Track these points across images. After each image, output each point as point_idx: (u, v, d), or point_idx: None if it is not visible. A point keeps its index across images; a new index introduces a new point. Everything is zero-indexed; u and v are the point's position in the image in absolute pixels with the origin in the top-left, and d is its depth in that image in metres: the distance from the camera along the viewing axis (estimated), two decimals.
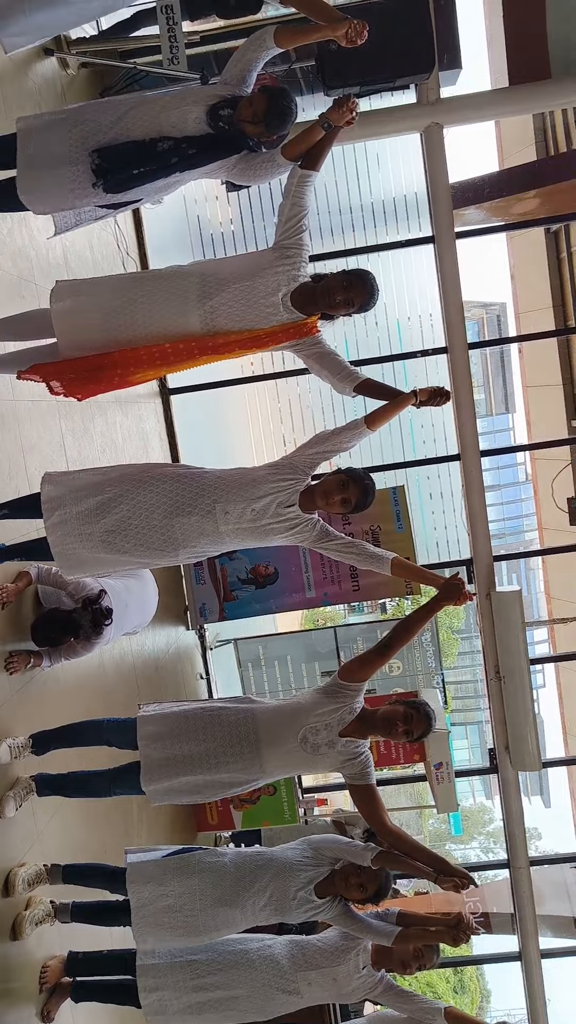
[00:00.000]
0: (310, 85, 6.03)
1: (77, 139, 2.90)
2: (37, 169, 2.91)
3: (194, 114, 2.91)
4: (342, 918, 3.04)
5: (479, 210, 7.09)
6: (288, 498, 2.94)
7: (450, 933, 2.92)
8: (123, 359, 2.93)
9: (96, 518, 2.92)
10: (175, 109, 2.92)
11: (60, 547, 2.97)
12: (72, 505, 2.95)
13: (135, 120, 2.92)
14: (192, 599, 6.60)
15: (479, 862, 18.38)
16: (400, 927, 2.99)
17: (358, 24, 2.77)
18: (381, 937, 2.98)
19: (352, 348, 7.70)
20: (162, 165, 2.93)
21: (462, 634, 24.32)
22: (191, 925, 3.01)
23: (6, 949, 3.03)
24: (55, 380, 2.99)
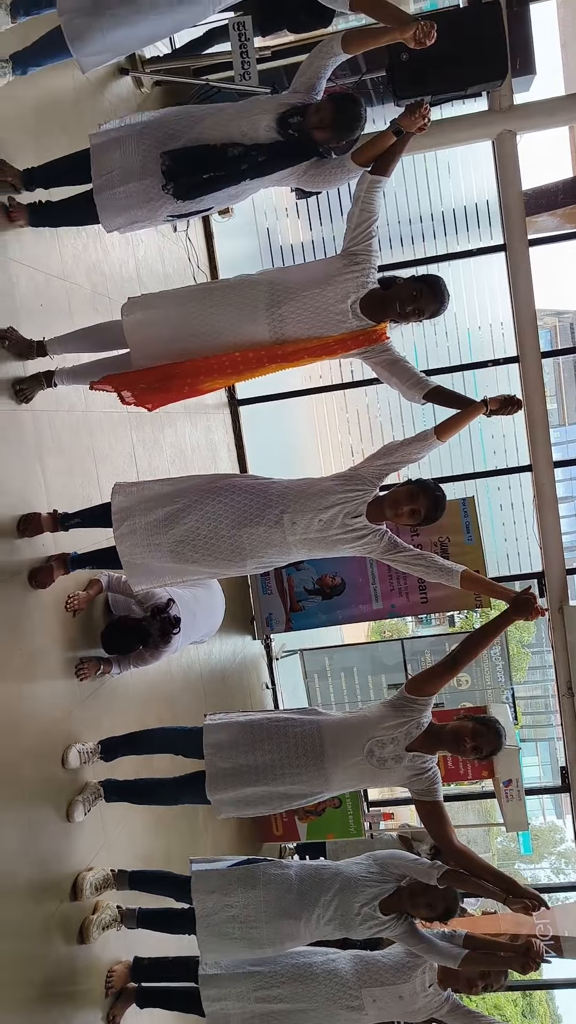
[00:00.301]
0: (380, 96, 6.02)
1: (149, 148, 2.94)
2: (112, 187, 2.97)
3: (264, 122, 2.93)
4: (407, 937, 2.99)
5: (552, 217, 6.96)
6: (355, 509, 2.92)
7: (519, 960, 2.84)
8: (193, 368, 2.96)
9: (165, 528, 2.96)
10: (246, 118, 2.95)
11: (129, 556, 3.01)
12: (141, 515, 2.98)
13: (207, 128, 2.95)
14: (259, 609, 6.62)
15: (549, 883, 17.90)
16: (467, 950, 2.92)
17: (426, 25, 2.74)
18: (447, 959, 2.92)
19: (422, 357, 7.62)
20: (232, 171, 2.95)
21: (533, 648, 23.78)
22: (254, 937, 3.00)
23: (73, 952, 3.07)
24: (126, 390, 3.04)
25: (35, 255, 3.44)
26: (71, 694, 3.32)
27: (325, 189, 3.17)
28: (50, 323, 3.46)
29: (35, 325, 3.33)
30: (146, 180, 2.95)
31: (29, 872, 2.85)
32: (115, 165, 2.96)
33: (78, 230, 3.90)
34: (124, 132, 3.02)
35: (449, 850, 2.90)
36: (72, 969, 3.05)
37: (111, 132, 3.04)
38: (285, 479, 3.09)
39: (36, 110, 3.57)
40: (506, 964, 2.90)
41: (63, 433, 3.54)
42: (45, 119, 3.63)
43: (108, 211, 3.02)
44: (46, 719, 3.09)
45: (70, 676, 3.32)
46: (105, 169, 2.97)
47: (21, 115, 3.44)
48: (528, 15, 5.71)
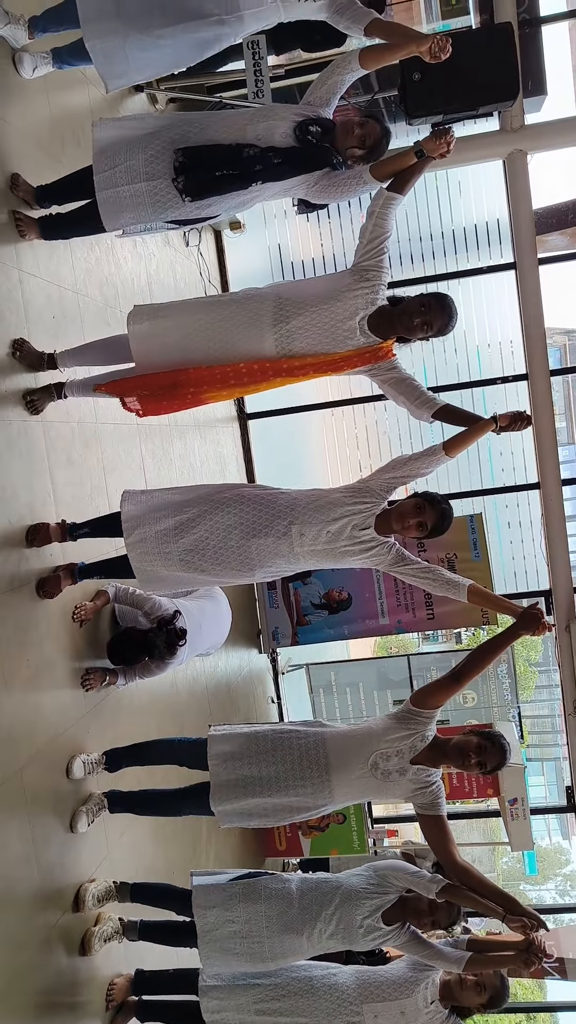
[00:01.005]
0: (393, 115, 6.08)
1: (159, 151, 2.96)
2: (115, 185, 2.98)
3: (282, 128, 2.96)
4: (411, 945, 2.97)
5: (562, 236, 6.99)
6: (363, 521, 2.93)
7: (521, 957, 2.82)
8: (197, 377, 2.97)
9: (175, 538, 2.97)
10: (262, 121, 2.98)
11: (139, 564, 3.03)
12: (151, 524, 3.00)
13: (220, 129, 2.98)
14: (265, 623, 6.62)
15: (554, 904, 17.73)
16: (471, 952, 2.90)
17: (441, 39, 2.78)
18: (451, 963, 2.90)
19: (431, 374, 7.65)
20: (245, 171, 2.96)
21: (540, 667, 23.68)
22: (257, 952, 2.99)
23: (74, 964, 3.06)
24: (129, 396, 3.05)
25: (48, 268, 3.48)
26: (76, 705, 3.33)
27: (337, 200, 3.19)
28: (62, 335, 3.49)
29: (47, 337, 3.37)
30: (155, 181, 2.96)
31: (31, 882, 2.85)
32: (118, 162, 2.97)
33: (91, 244, 3.94)
34: (133, 131, 3.04)
35: (450, 866, 2.89)
36: (73, 981, 3.04)
37: (120, 126, 3.06)
38: (294, 490, 3.11)
39: (51, 126, 3.62)
40: (510, 962, 2.88)
41: (73, 444, 3.57)
42: (60, 135, 3.67)
43: (109, 209, 3.03)
44: (51, 729, 3.10)
45: (76, 687, 3.33)
46: (107, 166, 2.98)
47: (36, 130, 3.49)
48: (540, 36, 5.76)
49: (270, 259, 7.55)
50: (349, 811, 6.22)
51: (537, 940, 2.80)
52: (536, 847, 7.73)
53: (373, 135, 3.00)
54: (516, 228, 6.04)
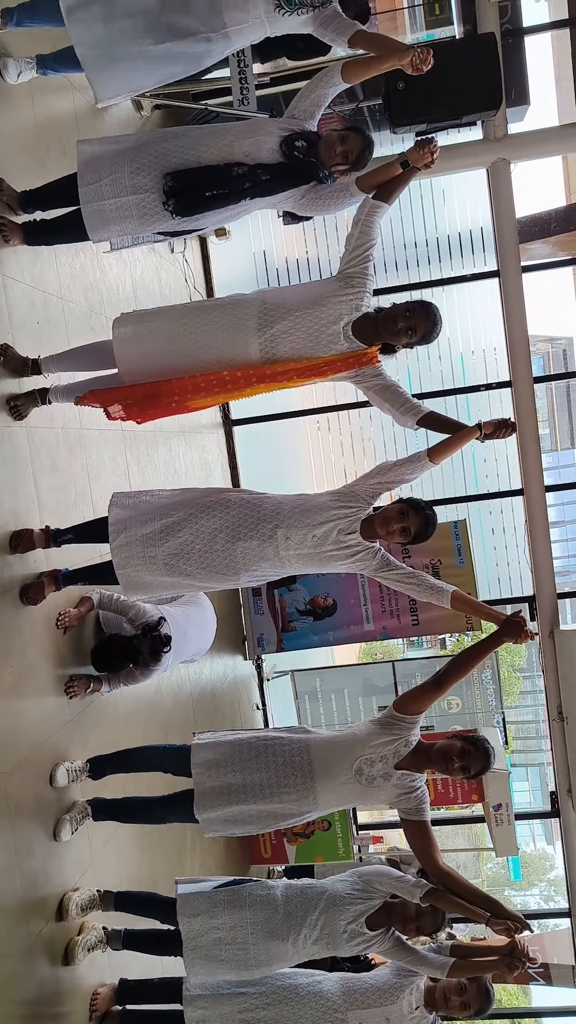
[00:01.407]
0: (377, 123, 6.11)
1: (145, 165, 2.98)
2: (101, 199, 2.99)
3: (268, 144, 2.99)
4: (395, 951, 2.97)
5: (545, 244, 7.05)
6: (349, 526, 2.94)
7: (504, 961, 2.83)
8: (180, 386, 2.97)
9: (160, 541, 2.97)
10: (248, 138, 3.00)
11: (123, 568, 3.02)
12: (137, 528, 3.00)
13: (208, 147, 3.00)
14: (250, 629, 6.61)
15: (539, 910, 17.75)
16: (454, 958, 2.91)
17: (422, 51, 2.82)
18: (435, 969, 2.90)
19: (415, 381, 7.68)
20: (234, 190, 2.99)
21: (524, 673, 23.76)
22: (242, 959, 2.98)
23: (57, 974, 3.04)
24: (113, 405, 3.05)
25: (33, 273, 3.47)
26: (60, 712, 3.31)
27: (323, 214, 3.21)
28: (46, 341, 3.48)
29: (32, 343, 3.36)
30: (141, 195, 2.98)
31: (14, 891, 2.82)
32: (103, 176, 2.98)
33: (76, 250, 3.93)
34: (118, 146, 3.05)
35: (434, 870, 2.89)
36: (56, 991, 3.02)
37: (104, 143, 3.08)
38: (279, 494, 3.11)
39: (36, 131, 3.61)
40: (493, 967, 2.88)
41: (57, 450, 3.55)
42: (45, 140, 3.67)
43: (94, 221, 3.04)
44: (34, 737, 3.08)
45: (60, 693, 3.31)
46: (93, 179, 3.00)
47: (21, 135, 3.49)
48: (523, 47, 5.82)
49: (255, 265, 7.57)
50: (334, 817, 6.22)
51: (521, 944, 2.81)
52: (520, 853, 7.74)
53: (355, 149, 3.03)
54: (499, 236, 6.09)
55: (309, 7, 3.05)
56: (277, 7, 3.05)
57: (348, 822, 6.35)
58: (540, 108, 6.29)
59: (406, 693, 3.06)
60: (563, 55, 6.44)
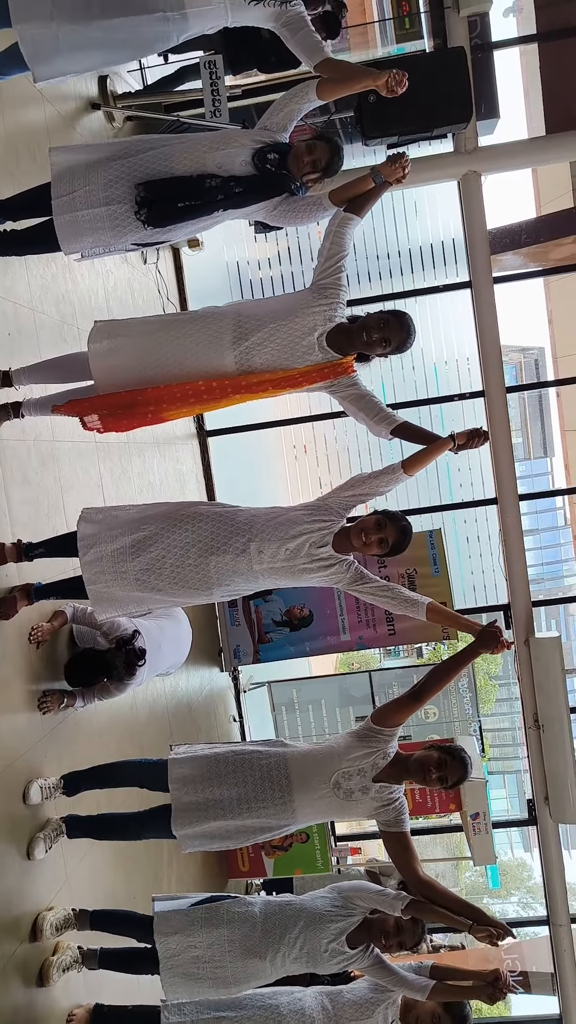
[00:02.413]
0: (349, 135, 6.15)
1: (118, 176, 2.96)
2: (73, 210, 2.97)
3: (241, 156, 2.98)
4: (375, 969, 2.95)
5: (516, 255, 7.13)
6: (322, 539, 2.93)
7: (485, 990, 2.82)
8: (156, 396, 2.95)
9: (131, 556, 2.94)
10: (221, 150, 2.99)
11: (94, 584, 2.98)
12: (108, 543, 2.96)
13: (181, 158, 2.98)
14: (226, 641, 6.58)
15: (518, 918, 17.80)
16: (434, 981, 2.89)
17: (397, 74, 2.84)
18: (415, 991, 2.88)
19: (389, 391, 7.72)
20: (207, 201, 2.99)
21: (500, 680, 23.88)
22: (220, 977, 2.95)
23: (32, 996, 2.98)
24: (90, 415, 3.02)
25: (3, 284, 3.44)
26: (33, 728, 3.26)
27: (296, 225, 3.22)
28: (17, 353, 3.45)
29: (2, 354, 3.32)
30: (113, 206, 2.96)
31: None
32: (77, 187, 2.96)
33: (47, 260, 3.91)
34: (91, 157, 3.03)
35: (414, 881, 2.88)
36: (30, 1016, 2.96)
37: (77, 151, 3.05)
38: (252, 507, 3.09)
39: (6, 141, 3.59)
40: (473, 994, 2.87)
41: (29, 463, 3.52)
42: (15, 151, 3.65)
43: (67, 233, 3.01)
44: (7, 753, 3.03)
45: (32, 709, 3.27)
46: (65, 191, 2.97)
47: None
48: (492, 61, 5.89)
49: (228, 276, 7.58)
50: (312, 830, 6.19)
51: (502, 975, 2.81)
52: (499, 862, 7.75)
53: (324, 157, 3.03)
54: (471, 247, 6.14)
55: (276, 1, 3.01)
56: None
57: (326, 834, 6.32)
58: (510, 121, 6.39)
59: (384, 706, 3.05)
60: (531, 69, 6.54)
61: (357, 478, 3.03)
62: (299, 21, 3.04)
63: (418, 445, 3.04)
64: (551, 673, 5.94)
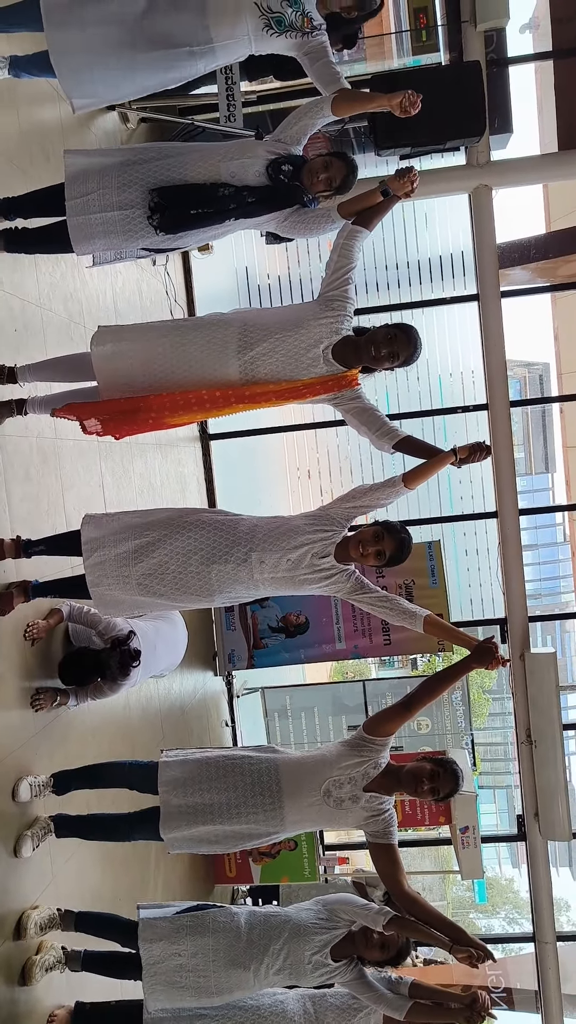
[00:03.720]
0: (362, 145, 6.17)
1: (132, 181, 2.98)
2: (87, 212, 2.99)
3: (255, 167, 3.00)
4: (356, 984, 2.94)
5: (524, 271, 7.14)
6: (323, 549, 2.93)
7: (463, 1013, 2.80)
8: (158, 403, 2.96)
9: (134, 561, 2.94)
10: (235, 160, 3.01)
11: (97, 587, 2.98)
12: (111, 547, 2.97)
13: (195, 165, 3.00)
14: (221, 645, 6.57)
15: (503, 933, 17.73)
16: (413, 1000, 2.88)
17: (412, 95, 2.87)
18: (393, 1010, 2.87)
19: (393, 402, 7.73)
20: (219, 210, 3.00)
21: (494, 695, 23.85)
22: (203, 986, 2.93)
23: (14, 994, 2.97)
24: (90, 420, 3.02)
25: (12, 280, 3.45)
26: (25, 725, 3.25)
27: (305, 236, 3.23)
28: (24, 349, 3.45)
29: (8, 350, 3.33)
30: (127, 211, 2.98)
31: None
32: (91, 190, 2.98)
33: (56, 259, 3.91)
34: (106, 161, 3.05)
35: (399, 895, 2.86)
36: (11, 1013, 2.95)
37: (93, 158, 3.07)
38: (255, 516, 3.09)
39: (20, 140, 3.60)
40: (451, 1016, 2.85)
41: (31, 459, 3.52)
42: (29, 149, 3.66)
43: (79, 234, 3.03)
44: None
45: (25, 706, 3.26)
46: (80, 192, 2.99)
47: (3, 143, 3.47)
48: (507, 76, 5.91)
49: (237, 281, 7.59)
50: (300, 838, 6.16)
51: (481, 999, 2.79)
52: (487, 877, 7.72)
53: (339, 176, 3.06)
54: (480, 261, 6.15)
55: (299, 32, 3.08)
56: (266, 27, 3.06)
57: (315, 843, 6.29)
58: (523, 137, 6.40)
59: (375, 715, 3.04)
60: (546, 86, 6.56)
61: (358, 489, 3.03)
62: (320, 51, 3.09)
63: (420, 459, 3.03)
64: (545, 689, 5.93)
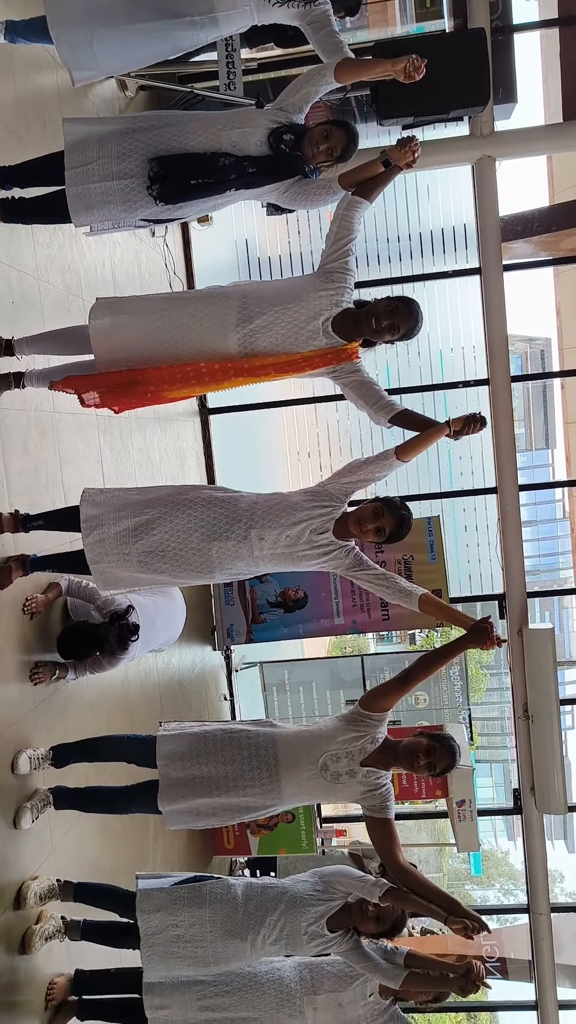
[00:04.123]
0: (364, 115, 6.07)
1: (132, 150, 2.94)
2: (87, 182, 2.95)
3: (256, 136, 2.96)
4: (352, 954, 2.97)
5: (527, 244, 7.06)
6: (322, 525, 2.92)
7: (458, 983, 2.83)
8: (157, 376, 2.93)
9: (134, 539, 2.93)
10: (236, 129, 2.97)
11: (97, 564, 2.98)
12: (111, 525, 2.96)
13: (196, 134, 2.96)
14: (220, 620, 6.59)
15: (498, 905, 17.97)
16: (409, 969, 2.91)
17: (416, 60, 2.82)
18: (389, 979, 2.91)
19: (394, 376, 7.69)
20: (220, 180, 2.96)
21: (491, 670, 23.95)
22: (200, 956, 2.97)
23: (14, 963, 3.00)
24: (88, 392, 3.00)
25: (9, 252, 3.40)
26: (24, 698, 3.26)
27: (306, 208, 3.18)
28: (21, 321, 3.42)
29: (5, 322, 3.29)
30: (126, 180, 2.94)
31: None
32: (91, 159, 2.94)
33: (54, 229, 3.86)
34: (105, 129, 3.00)
35: (394, 867, 2.89)
36: (11, 981, 2.98)
37: (92, 127, 3.02)
38: (254, 493, 3.08)
39: (16, 107, 3.54)
40: (446, 985, 2.89)
41: (29, 432, 3.49)
42: (26, 117, 3.60)
43: (78, 204, 2.99)
44: None
45: (24, 680, 3.27)
46: (80, 162, 2.95)
47: (1, 112, 3.41)
48: (512, 44, 5.81)
49: (237, 253, 7.52)
50: (298, 810, 6.22)
51: (476, 967, 2.82)
52: (483, 850, 7.80)
53: (340, 145, 3.01)
54: (482, 234, 6.08)
55: (301, 1, 3.03)
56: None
57: (312, 815, 6.35)
58: (527, 106, 6.30)
59: (372, 690, 3.05)
60: (551, 54, 6.45)
61: (353, 464, 3.01)
62: (323, 20, 3.05)
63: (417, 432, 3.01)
64: (543, 664, 5.95)
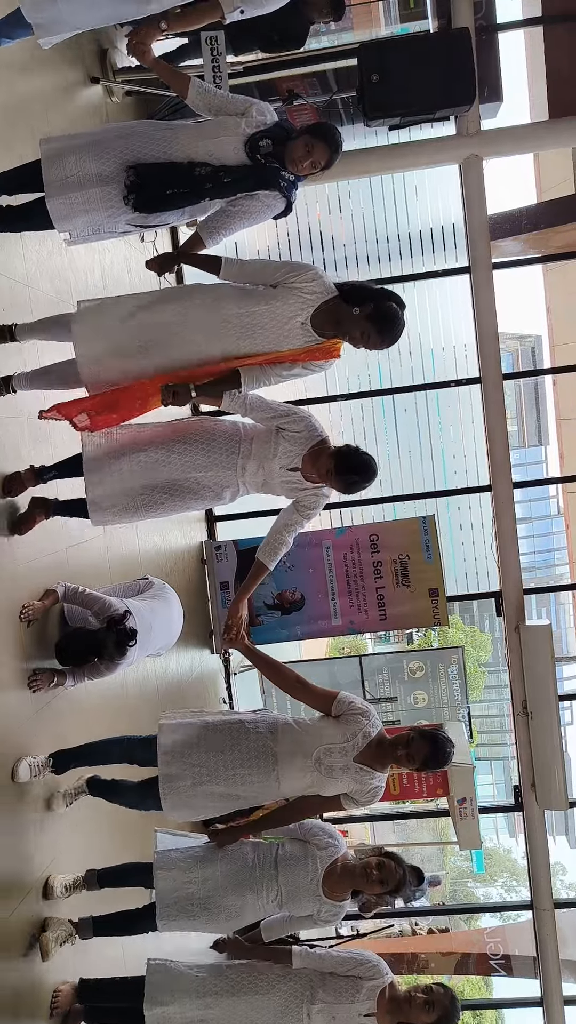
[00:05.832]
0: (350, 116, 6.09)
1: (110, 157, 2.95)
2: (66, 192, 2.96)
3: (233, 143, 2.96)
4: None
5: (516, 242, 7.09)
6: (289, 462, 3.09)
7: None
8: (142, 388, 3.00)
9: (135, 477, 3.13)
10: (212, 139, 2.98)
11: (98, 502, 3.17)
12: (110, 464, 3.13)
13: (174, 143, 2.97)
14: (218, 623, 6.58)
15: (501, 902, 17.97)
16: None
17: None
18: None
19: (385, 376, 7.70)
20: (196, 189, 2.97)
21: (489, 667, 24.00)
22: (212, 912, 3.07)
23: (20, 971, 3.00)
24: (78, 416, 3.06)
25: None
26: (23, 706, 3.26)
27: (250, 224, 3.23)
28: None
29: None
30: (107, 187, 2.96)
31: None
32: (69, 172, 2.95)
33: (43, 236, 3.86)
34: (80, 141, 3.02)
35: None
36: (17, 988, 2.97)
37: (72, 139, 3.04)
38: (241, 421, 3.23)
39: (3, 113, 3.54)
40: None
41: (22, 440, 3.49)
42: (12, 124, 3.60)
43: (59, 213, 3.01)
44: None
45: (22, 687, 3.26)
46: (57, 176, 2.96)
47: None
48: (496, 43, 5.83)
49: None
50: None
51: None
52: (484, 848, 7.81)
53: (323, 158, 3.01)
54: (471, 232, 6.10)
55: None
56: None
57: None
58: (513, 105, 6.32)
59: None
60: (536, 52, 6.48)
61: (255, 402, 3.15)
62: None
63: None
64: (541, 661, 5.97)
